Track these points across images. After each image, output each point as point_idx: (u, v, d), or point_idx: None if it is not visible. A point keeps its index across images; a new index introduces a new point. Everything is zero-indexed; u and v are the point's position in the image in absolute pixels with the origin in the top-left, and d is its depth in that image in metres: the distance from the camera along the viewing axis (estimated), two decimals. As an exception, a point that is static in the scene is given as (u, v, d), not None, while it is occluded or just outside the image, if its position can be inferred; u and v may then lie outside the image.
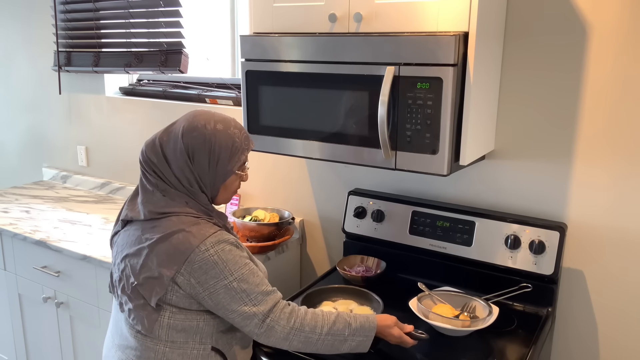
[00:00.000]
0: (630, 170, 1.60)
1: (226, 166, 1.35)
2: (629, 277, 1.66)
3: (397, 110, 1.50)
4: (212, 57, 2.72)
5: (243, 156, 1.38)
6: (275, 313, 1.32)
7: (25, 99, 3.22)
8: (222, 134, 1.33)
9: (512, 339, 1.54)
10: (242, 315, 1.30)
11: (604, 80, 1.59)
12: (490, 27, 1.54)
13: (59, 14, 2.82)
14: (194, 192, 1.35)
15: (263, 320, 1.31)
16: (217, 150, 1.33)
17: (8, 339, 2.55)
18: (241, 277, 1.29)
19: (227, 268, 1.28)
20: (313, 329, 1.33)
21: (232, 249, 1.31)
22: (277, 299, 1.34)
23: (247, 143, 1.39)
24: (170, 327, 1.33)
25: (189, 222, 1.30)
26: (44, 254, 2.23)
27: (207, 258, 1.27)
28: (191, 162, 1.32)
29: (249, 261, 1.34)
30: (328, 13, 1.60)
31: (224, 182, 1.37)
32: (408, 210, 1.88)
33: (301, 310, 1.35)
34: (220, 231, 1.32)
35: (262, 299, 1.31)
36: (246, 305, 1.30)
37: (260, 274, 1.34)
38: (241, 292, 1.29)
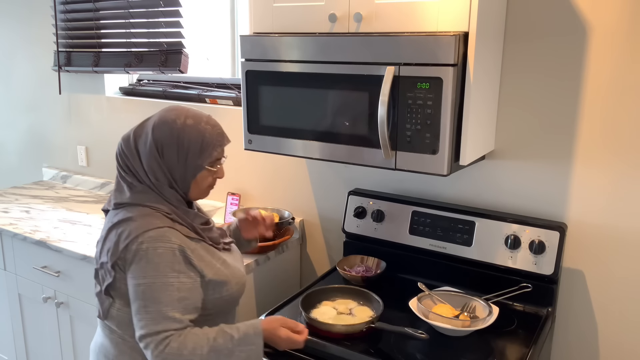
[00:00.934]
0: (630, 170, 1.60)
1: (196, 161, 1.34)
2: (629, 277, 1.66)
3: (397, 110, 1.50)
4: (212, 57, 2.72)
5: (215, 152, 1.36)
6: (158, 338, 1.25)
7: (25, 99, 3.22)
8: (191, 128, 1.33)
9: (512, 339, 1.54)
10: (135, 319, 1.28)
11: (604, 80, 1.59)
12: (490, 27, 1.54)
13: (59, 14, 2.82)
14: (160, 187, 1.34)
15: (143, 338, 1.26)
16: (186, 145, 1.32)
17: (8, 339, 2.55)
18: (150, 286, 1.25)
19: (146, 269, 1.26)
20: (192, 352, 1.25)
21: (165, 253, 1.27)
22: (170, 327, 1.26)
23: (221, 140, 1.38)
24: (120, 320, 1.35)
25: (142, 212, 1.31)
26: (44, 254, 2.23)
27: (138, 251, 1.26)
28: (160, 156, 1.33)
29: (173, 274, 1.27)
30: (328, 13, 1.60)
31: (195, 178, 1.36)
32: (408, 210, 1.88)
33: (182, 336, 1.26)
34: (167, 228, 1.29)
35: (154, 318, 1.25)
36: (139, 314, 1.27)
37: (175, 294, 1.26)
38: (142, 300, 1.26)
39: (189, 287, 1.30)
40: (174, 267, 1.28)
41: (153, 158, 1.33)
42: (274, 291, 2.13)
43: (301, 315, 1.59)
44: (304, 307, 1.60)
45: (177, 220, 1.34)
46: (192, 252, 1.32)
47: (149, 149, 1.33)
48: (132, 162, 1.35)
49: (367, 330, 1.52)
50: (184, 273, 1.29)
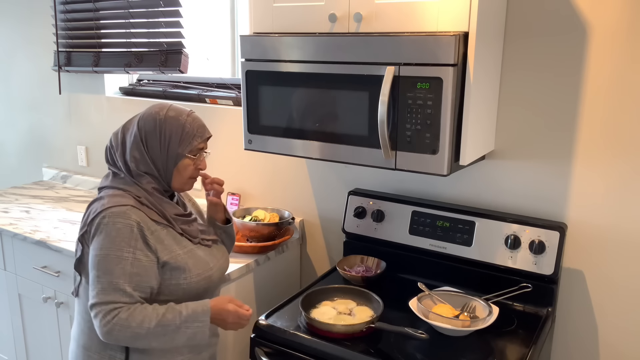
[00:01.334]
0: (630, 170, 1.60)
1: (176, 149, 1.43)
2: (628, 277, 1.66)
3: (397, 110, 1.50)
4: (212, 57, 2.72)
5: (195, 142, 1.44)
6: (106, 308, 1.30)
7: (25, 99, 3.22)
8: (172, 119, 1.43)
9: (512, 339, 1.54)
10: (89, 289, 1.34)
11: (604, 80, 1.59)
12: (490, 27, 1.54)
13: (59, 13, 2.82)
14: (138, 175, 1.43)
15: (92, 307, 1.31)
16: (168, 134, 1.42)
17: (8, 339, 2.55)
18: (104, 257, 1.32)
19: (103, 241, 1.33)
20: (140, 324, 1.30)
21: (122, 229, 1.33)
22: (119, 300, 1.30)
23: (201, 131, 1.46)
24: (84, 297, 1.42)
25: (112, 194, 1.40)
26: (44, 254, 2.23)
27: (100, 225, 1.34)
28: (144, 146, 1.43)
29: (128, 249, 1.33)
30: (328, 13, 1.60)
31: (176, 166, 1.44)
32: (408, 210, 1.88)
33: (131, 308, 1.31)
34: (129, 207, 1.36)
35: (104, 289, 1.31)
36: (92, 284, 1.33)
37: (128, 268, 1.32)
38: (96, 270, 1.32)
39: (144, 265, 1.35)
40: (130, 243, 1.34)
41: (137, 148, 1.43)
42: (274, 291, 2.13)
43: (301, 315, 1.59)
44: (304, 307, 1.60)
45: (146, 203, 1.41)
46: (151, 233, 1.38)
47: (134, 140, 1.43)
48: (116, 154, 1.46)
49: (367, 330, 1.52)
50: (140, 250, 1.35)
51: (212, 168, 2.47)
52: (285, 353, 1.54)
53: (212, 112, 2.42)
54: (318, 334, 1.52)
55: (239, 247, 2.02)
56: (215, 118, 2.41)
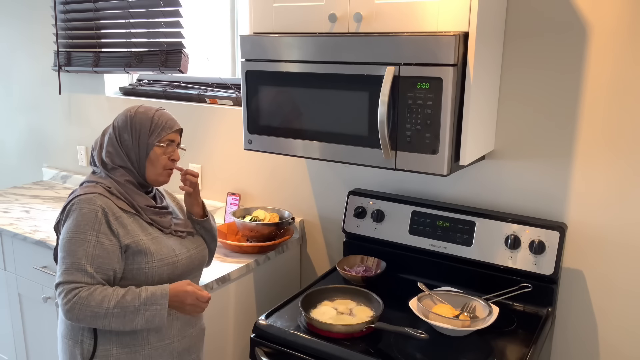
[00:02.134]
0: (631, 170, 1.60)
1: (147, 140, 1.51)
2: (628, 277, 1.66)
3: (397, 110, 1.50)
4: (212, 57, 2.72)
5: (164, 133, 1.52)
6: (68, 287, 1.36)
7: (25, 99, 3.22)
8: (141, 114, 1.53)
9: (512, 339, 1.54)
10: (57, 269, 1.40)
11: (604, 79, 1.59)
12: (490, 27, 1.54)
13: (59, 13, 2.82)
14: (112, 169, 1.51)
15: (57, 286, 1.38)
16: (138, 127, 1.51)
17: (8, 339, 2.55)
18: (69, 239, 1.39)
19: (70, 225, 1.41)
20: (99, 304, 1.35)
21: (87, 214, 1.40)
22: (81, 280, 1.37)
23: (170, 123, 1.54)
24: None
25: (84, 185, 1.50)
26: (44, 254, 2.23)
27: (69, 211, 1.43)
28: (119, 141, 1.52)
29: (92, 233, 1.39)
30: (328, 13, 1.60)
31: (148, 156, 1.51)
32: (408, 210, 1.88)
33: (92, 288, 1.37)
34: (97, 194, 1.44)
35: (67, 269, 1.37)
36: (59, 264, 1.40)
37: (91, 250, 1.38)
38: (62, 251, 1.40)
39: (107, 248, 1.41)
40: (94, 227, 1.40)
41: (112, 144, 1.52)
42: (274, 291, 2.13)
43: (301, 315, 1.59)
44: (304, 307, 1.60)
45: (115, 193, 1.48)
46: (115, 218, 1.43)
47: (109, 137, 1.53)
48: (94, 153, 1.55)
49: (367, 330, 1.52)
50: (104, 234, 1.41)
51: (212, 168, 2.47)
52: (285, 353, 1.54)
53: (212, 112, 2.42)
54: (318, 334, 1.52)
55: (239, 247, 2.02)
56: (215, 118, 2.41)
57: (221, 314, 1.90)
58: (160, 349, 1.50)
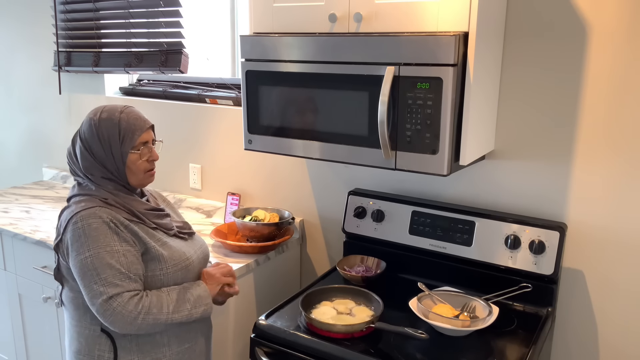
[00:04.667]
0: (631, 170, 1.60)
1: (119, 149, 1.43)
2: (628, 277, 1.66)
3: (397, 110, 1.50)
4: (212, 57, 2.72)
5: (135, 136, 1.44)
6: (124, 298, 1.33)
7: (25, 99, 3.22)
8: (106, 121, 1.43)
9: (512, 339, 1.54)
10: (91, 292, 1.33)
11: (604, 79, 1.59)
12: (490, 27, 1.54)
13: (59, 14, 2.82)
14: (96, 179, 1.44)
15: (109, 303, 1.32)
16: (106, 136, 1.42)
17: (8, 339, 2.55)
18: (96, 255, 1.33)
19: (87, 244, 1.33)
20: (160, 310, 1.36)
21: (100, 227, 1.34)
22: (131, 287, 1.35)
23: (139, 124, 1.45)
24: (70, 303, 1.44)
25: (78, 200, 1.42)
26: (44, 254, 2.23)
27: (75, 230, 1.35)
28: (90, 153, 1.44)
29: (114, 243, 1.35)
30: (328, 13, 1.60)
31: (125, 164, 1.44)
32: (408, 210, 1.88)
33: (148, 295, 1.37)
34: (97, 207, 1.37)
35: (112, 282, 1.32)
36: (95, 284, 1.32)
37: (123, 259, 1.35)
38: (92, 270, 1.32)
39: (134, 254, 1.38)
40: (113, 237, 1.36)
41: (85, 157, 1.44)
42: (274, 291, 2.13)
43: (301, 315, 1.59)
44: (304, 307, 1.60)
45: (113, 204, 1.42)
46: (124, 227, 1.39)
47: (80, 150, 1.45)
48: (72, 164, 1.48)
49: (367, 330, 1.52)
50: (125, 242, 1.38)
51: (212, 168, 2.47)
52: (285, 353, 1.54)
53: (212, 112, 2.42)
54: (318, 334, 1.52)
55: (239, 247, 2.02)
56: (215, 118, 2.41)
57: (221, 314, 1.90)
58: (181, 353, 1.50)
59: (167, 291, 1.41)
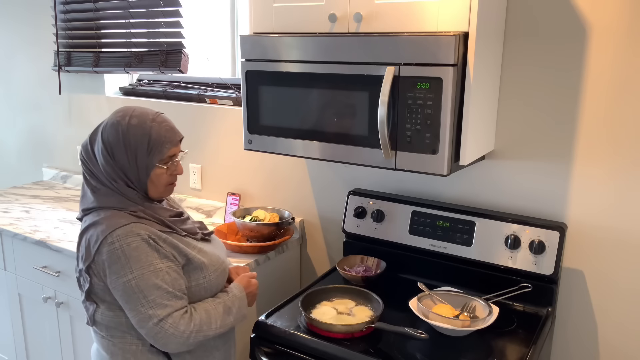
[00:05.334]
0: (631, 170, 1.60)
1: (145, 160, 1.33)
2: (628, 277, 1.66)
3: (397, 110, 1.50)
4: (212, 57, 2.72)
5: (165, 149, 1.34)
6: (175, 318, 1.29)
7: (25, 99, 3.22)
8: (136, 128, 1.32)
9: (512, 339, 1.54)
10: (139, 315, 1.28)
11: (604, 79, 1.59)
12: (490, 27, 1.54)
13: (59, 14, 2.82)
14: (121, 189, 1.35)
15: (160, 325, 1.27)
16: (134, 145, 1.32)
17: (8, 339, 2.55)
18: (141, 277, 1.27)
19: (128, 265, 1.26)
20: (209, 325, 1.35)
21: (140, 245, 1.28)
22: (179, 305, 1.31)
23: (170, 136, 1.35)
24: (105, 323, 1.37)
25: (106, 215, 1.32)
26: (44, 254, 2.23)
27: (112, 251, 1.27)
28: (112, 158, 1.33)
29: (156, 261, 1.29)
30: (328, 13, 1.60)
31: (149, 176, 1.35)
32: (408, 210, 1.88)
33: (197, 311, 1.35)
34: (132, 224, 1.30)
35: (160, 303, 1.27)
36: (143, 307, 1.27)
37: (167, 277, 1.29)
38: (139, 293, 1.27)
39: (176, 270, 1.34)
40: (155, 255, 1.30)
41: (106, 161, 1.34)
42: (274, 291, 2.13)
43: (301, 315, 1.59)
44: (304, 307, 1.60)
45: (143, 217, 1.35)
46: (163, 241, 1.33)
47: (102, 153, 1.34)
48: (92, 166, 1.37)
49: (367, 330, 1.52)
50: (166, 258, 1.32)
51: (212, 168, 2.47)
52: (285, 353, 1.54)
53: (212, 112, 2.42)
54: (318, 333, 1.52)
55: (239, 247, 2.02)
56: (215, 118, 2.41)
57: (221, 314, 1.89)
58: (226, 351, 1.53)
59: (214, 305, 1.38)
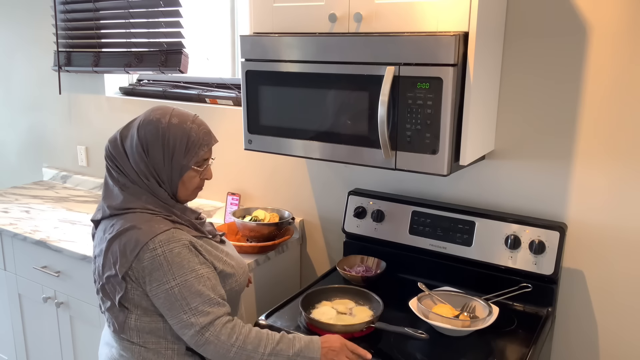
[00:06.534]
0: (631, 170, 1.60)
1: (181, 161, 1.32)
2: (628, 277, 1.66)
3: (397, 110, 1.50)
4: (212, 57, 2.72)
5: (201, 152, 1.34)
6: (216, 327, 1.27)
7: (25, 99, 3.22)
8: (176, 127, 1.31)
9: (512, 339, 1.54)
10: (180, 323, 1.27)
11: (604, 79, 1.59)
12: (490, 27, 1.54)
13: (59, 14, 2.82)
14: (152, 187, 1.33)
15: (201, 333, 1.26)
16: (172, 144, 1.31)
17: (8, 339, 2.55)
18: (184, 284, 1.26)
19: (170, 271, 1.25)
20: (256, 348, 1.28)
21: (182, 251, 1.27)
22: (221, 313, 1.29)
23: (208, 139, 1.35)
24: (139, 329, 1.34)
25: (142, 218, 1.29)
26: (44, 254, 2.23)
27: (154, 258, 1.25)
28: (146, 155, 1.31)
29: (198, 267, 1.29)
30: (328, 13, 1.60)
31: (181, 178, 1.34)
32: (408, 210, 1.88)
33: (245, 328, 1.30)
34: (173, 229, 1.29)
35: (202, 310, 1.26)
36: (185, 314, 1.26)
37: (209, 282, 1.29)
38: (181, 300, 1.26)
39: (214, 275, 1.33)
40: (196, 261, 1.29)
41: (140, 158, 1.31)
42: (274, 291, 2.13)
43: (301, 315, 1.59)
44: (304, 307, 1.60)
45: (177, 220, 1.34)
46: (200, 246, 1.33)
47: (136, 149, 1.31)
48: (121, 163, 1.34)
49: (367, 330, 1.52)
50: (204, 264, 1.31)
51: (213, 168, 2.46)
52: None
53: (212, 112, 2.42)
54: (318, 334, 1.52)
55: (239, 247, 2.02)
56: (215, 118, 2.41)
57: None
58: None
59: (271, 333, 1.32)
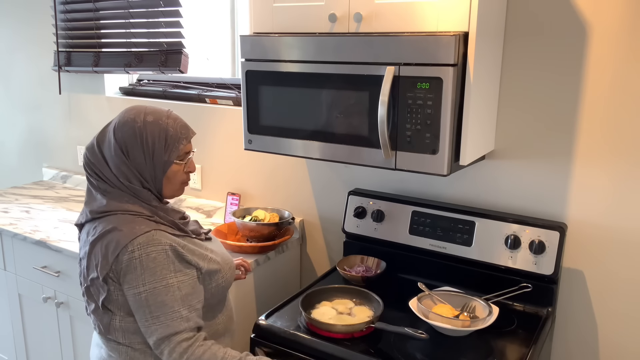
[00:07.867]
0: (631, 170, 1.60)
1: (163, 157, 1.32)
2: (629, 277, 1.66)
3: (397, 110, 1.50)
4: (212, 57, 2.72)
5: (181, 145, 1.34)
6: (171, 343, 1.26)
7: (25, 99, 3.22)
8: (152, 125, 1.31)
9: (512, 339, 1.54)
10: (144, 327, 1.28)
11: (604, 79, 1.59)
12: (490, 27, 1.54)
13: (59, 14, 2.82)
14: (135, 190, 1.33)
15: (157, 344, 1.27)
16: (151, 142, 1.31)
17: (8, 339, 2.55)
18: (151, 291, 1.25)
19: (142, 277, 1.25)
20: None
21: (157, 257, 1.26)
22: (181, 328, 1.27)
23: (186, 132, 1.36)
24: (125, 330, 1.34)
25: (124, 220, 1.29)
26: (44, 254, 2.23)
27: (131, 260, 1.25)
28: (127, 157, 1.31)
29: (170, 275, 1.27)
30: (328, 13, 1.60)
31: (165, 174, 1.35)
32: (408, 210, 1.88)
33: (199, 349, 1.27)
34: (154, 231, 1.28)
35: (163, 322, 1.26)
36: (147, 321, 1.27)
37: (177, 293, 1.27)
38: (146, 307, 1.26)
39: (189, 283, 1.31)
40: (170, 268, 1.28)
41: (121, 161, 1.31)
42: (274, 291, 2.13)
43: (301, 316, 1.59)
44: (304, 307, 1.60)
45: (160, 221, 1.34)
46: (183, 248, 1.32)
47: (115, 153, 1.31)
48: (100, 169, 1.34)
49: (367, 330, 1.52)
50: (180, 271, 1.30)
51: (212, 168, 2.47)
52: (285, 353, 1.54)
53: (212, 112, 2.42)
54: (318, 334, 1.52)
55: (239, 247, 2.02)
56: (215, 118, 2.41)
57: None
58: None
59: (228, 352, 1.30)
